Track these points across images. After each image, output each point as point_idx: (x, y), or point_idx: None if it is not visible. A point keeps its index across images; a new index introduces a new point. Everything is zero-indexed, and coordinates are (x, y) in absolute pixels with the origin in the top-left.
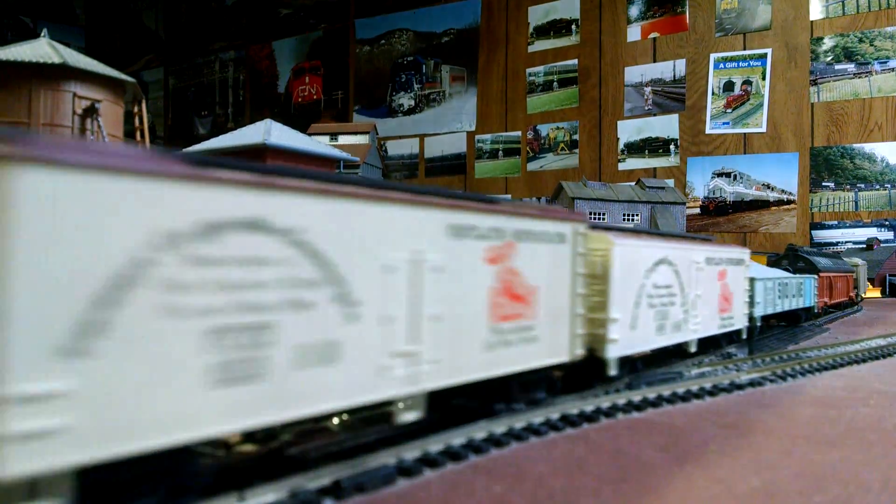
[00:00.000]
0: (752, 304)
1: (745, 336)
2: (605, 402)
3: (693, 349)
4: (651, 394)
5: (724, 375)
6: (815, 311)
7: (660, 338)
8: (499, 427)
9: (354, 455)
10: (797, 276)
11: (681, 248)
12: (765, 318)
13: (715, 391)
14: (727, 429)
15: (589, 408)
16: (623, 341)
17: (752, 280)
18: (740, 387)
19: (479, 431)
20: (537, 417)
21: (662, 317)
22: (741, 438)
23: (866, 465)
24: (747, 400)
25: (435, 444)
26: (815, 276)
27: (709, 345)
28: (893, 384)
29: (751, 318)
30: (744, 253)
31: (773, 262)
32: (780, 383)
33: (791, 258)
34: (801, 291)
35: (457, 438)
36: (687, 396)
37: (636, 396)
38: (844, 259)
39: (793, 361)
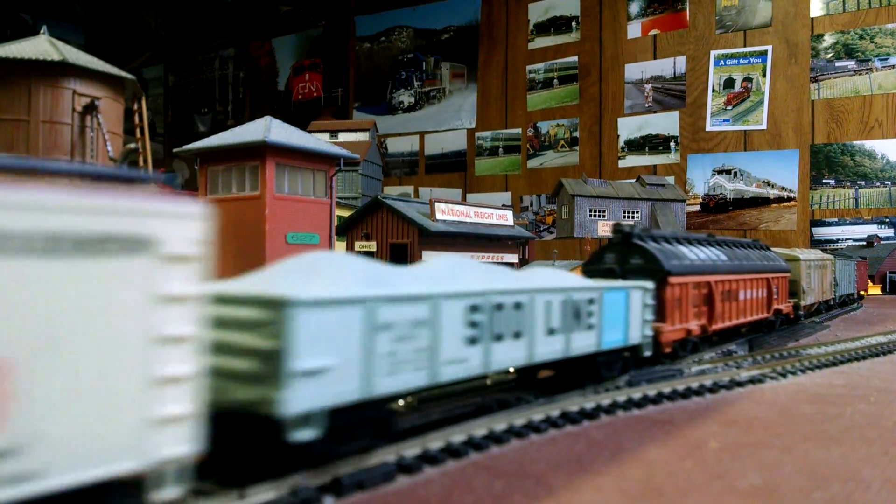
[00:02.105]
0: (271, 376)
1: (178, 497)
2: (605, 400)
3: None
4: (651, 391)
5: (724, 372)
6: (648, 352)
7: None
8: (499, 424)
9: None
10: (577, 285)
11: None
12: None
13: (715, 388)
14: (727, 426)
15: (589, 405)
16: None
17: (275, 305)
18: (740, 384)
19: (479, 428)
20: (537, 414)
21: None
22: (741, 435)
23: (866, 462)
24: (748, 397)
25: (435, 442)
26: (649, 286)
27: None
28: (894, 381)
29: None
30: (181, 222)
31: (588, 261)
32: (781, 380)
33: (620, 251)
34: (593, 318)
35: (457, 435)
36: (687, 393)
37: (636, 394)
38: (775, 251)
39: (793, 359)
